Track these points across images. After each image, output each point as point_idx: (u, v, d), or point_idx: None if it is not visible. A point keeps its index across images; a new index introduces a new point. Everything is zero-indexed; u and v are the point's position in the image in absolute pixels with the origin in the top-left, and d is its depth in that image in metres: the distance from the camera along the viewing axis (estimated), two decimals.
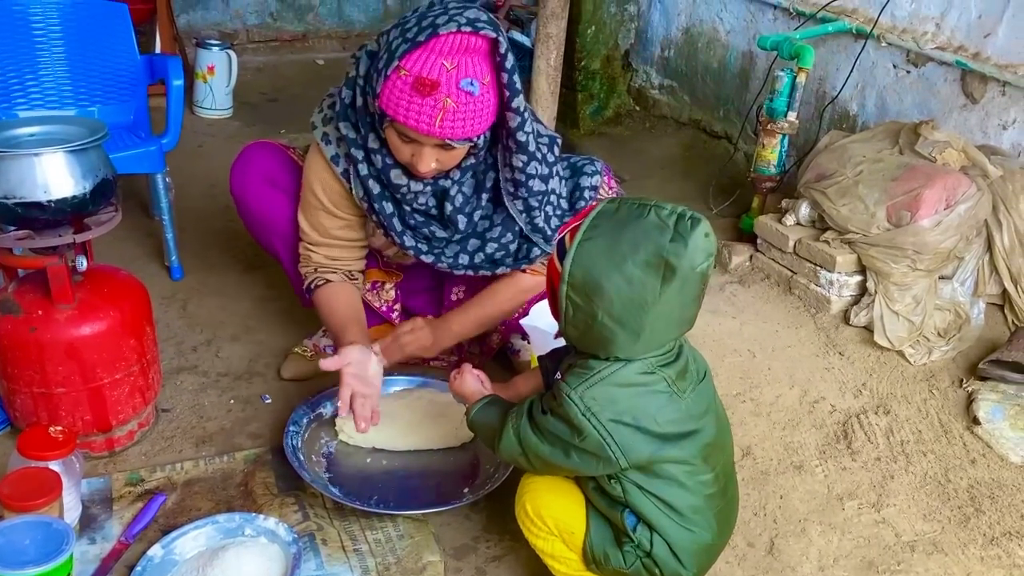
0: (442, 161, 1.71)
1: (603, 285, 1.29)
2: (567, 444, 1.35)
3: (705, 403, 1.40)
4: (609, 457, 1.33)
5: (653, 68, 4.07)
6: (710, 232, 1.29)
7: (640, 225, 1.29)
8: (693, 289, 1.31)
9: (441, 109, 1.58)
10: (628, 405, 1.32)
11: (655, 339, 1.33)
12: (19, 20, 2.53)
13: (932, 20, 2.74)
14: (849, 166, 2.56)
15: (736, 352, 2.33)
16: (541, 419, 1.38)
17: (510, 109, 1.68)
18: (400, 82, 1.59)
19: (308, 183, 1.90)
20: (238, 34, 4.62)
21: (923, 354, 2.33)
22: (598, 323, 1.31)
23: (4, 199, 1.59)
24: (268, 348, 2.26)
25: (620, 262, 1.28)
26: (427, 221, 1.86)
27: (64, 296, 1.70)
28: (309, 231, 1.93)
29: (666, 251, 1.26)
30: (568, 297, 1.32)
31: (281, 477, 1.82)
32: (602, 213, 1.34)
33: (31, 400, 1.76)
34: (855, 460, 1.96)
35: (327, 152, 1.84)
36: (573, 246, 1.32)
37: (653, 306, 1.28)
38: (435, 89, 1.57)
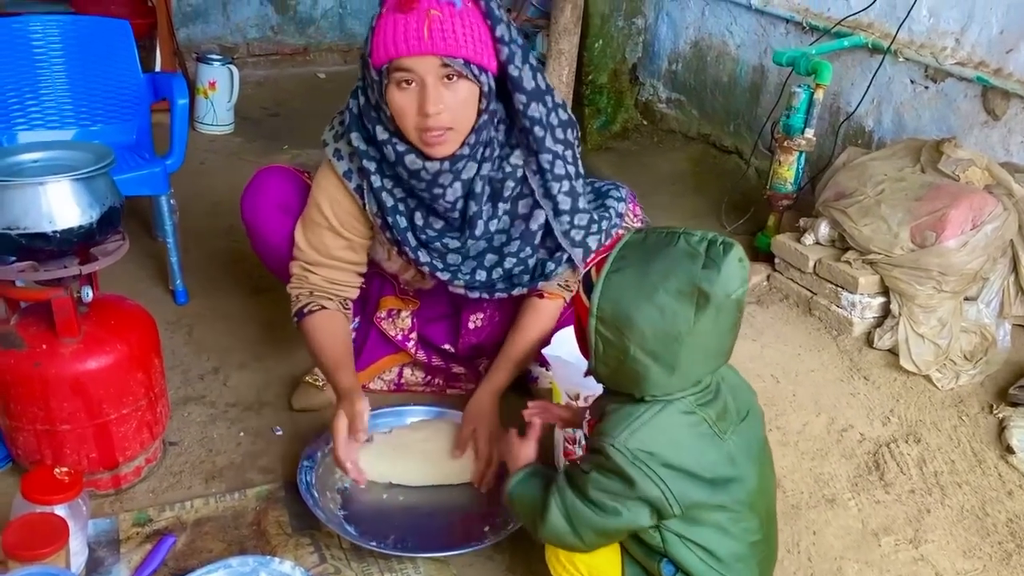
0: (452, 109, 1.60)
1: (634, 317, 1.22)
2: (619, 499, 1.27)
3: (748, 444, 1.33)
4: (664, 507, 1.25)
5: (660, 82, 4.02)
6: (744, 257, 1.23)
7: (670, 253, 1.23)
8: (729, 318, 1.24)
9: (427, 19, 1.53)
10: (674, 449, 1.25)
11: (691, 372, 1.26)
12: (19, 38, 2.46)
13: (951, 35, 2.69)
14: (870, 184, 2.51)
15: (759, 377, 2.27)
16: (585, 481, 1.30)
17: (496, 40, 1.61)
18: (383, 19, 1.57)
19: (315, 200, 1.83)
20: (238, 48, 4.56)
21: (950, 378, 2.27)
22: (630, 358, 1.24)
23: (7, 230, 1.52)
24: (277, 376, 2.19)
25: (651, 292, 1.22)
26: (440, 234, 1.79)
27: (69, 329, 1.63)
28: (308, 250, 1.85)
29: (699, 279, 1.20)
30: (598, 332, 1.26)
31: (295, 515, 1.75)
32: (629, 244, 1.28)
33: (34, 437, 1.68)
34: (888, 493, 1.89)
35: (339, 168, 1.78)
36: (600, 279, 1.26)
37: (687, 337, 1.22)
38: (415, 5, 1.53)
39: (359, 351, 2.12)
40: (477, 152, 1.69)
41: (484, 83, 1.61)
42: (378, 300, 2.08)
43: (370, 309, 2.08)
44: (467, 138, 1.66)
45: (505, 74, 1.65)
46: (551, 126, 1.74)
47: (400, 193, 1.75)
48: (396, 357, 2.13)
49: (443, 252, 1.81)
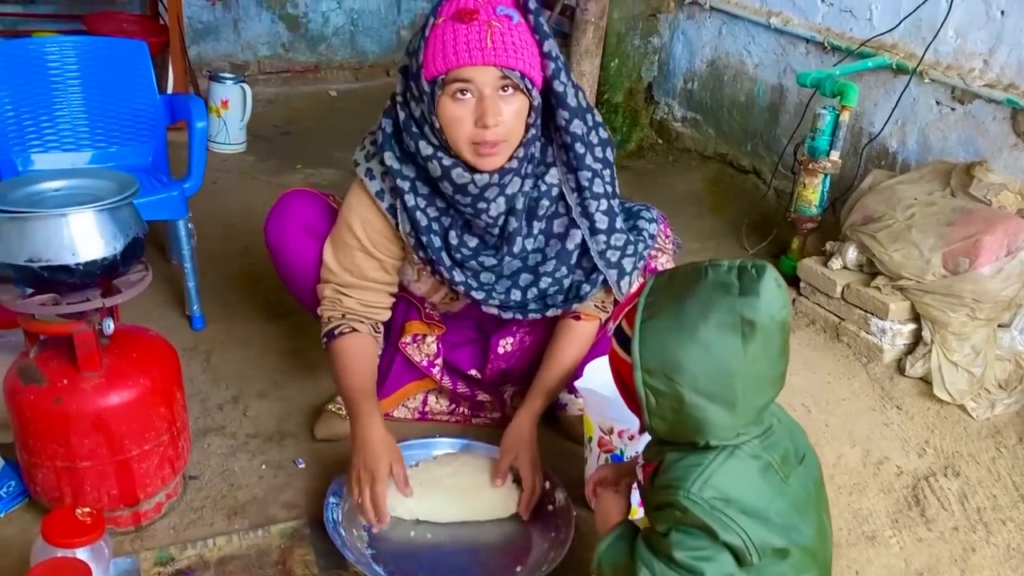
0: (506, 123, 1.58)
1: (681, 361, 1.17)
2: (704, 553, 1.20)
3: (807, 488, 1.28)
4: (745, 555, 1.19)
5: (676, 101, 3.99)
6: (779, 278, 1.18)
7: (701, 288, 1.18)
8: (777, 341, 1.19)
9: (488, 29, 1.52)
10: (748, 495, 1.20)
11: (751, 406, 1.20)
12: (35, 59, 2.42)
13: (980, 56, 2.65)
14: (899, 208, 2.47)
15: (791, 407, 2.20)
16: (667, 544, 1.23)
17: (544, 55, 1.60)
18: (440, 29, 1.55)
19: (346, 221, 1.78)
20: (249, 65, 4.53)
21: (985, 408, 2.22)
22: (687, 404, 1.18)
23: (29, 262, 1.48)
24: (298, 405, 2.14)
25: (692, 331, 1.16)
26: (476, 251, 1.75)
27: (91, 363, 1.58)
28: (340, 272, 1.81)
29: (739, 307, 1.15)
30: (646, 385, 1.20)
31: (321, 554, 1.69)
32: (656, 287, 1.23)
33: (54, 475, 1.63)
34: (931, 530, 1.84)
35: (371, 187, 1.74)
36: (636, 330, 1.20)
37: (741, 369, 1.16)
38: (476, 15, 1.53)
39: (383, 377, 2.07)
40: (523, 168, 1.67)
41: (534, 97, 1.60)
42: (403, 325, 2.03)
43: (395, 334, 2.04)
44: (515, 152, 1.64)
45: (549, 89, 1.64)
46: (591, 144, 1.72)
47: (434, 212, 1.71)
48: (421, 383, 2.08)
49: (477, 271, 1.77)
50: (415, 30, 1.64)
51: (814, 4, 3.20)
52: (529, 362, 2.02)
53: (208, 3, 4.38)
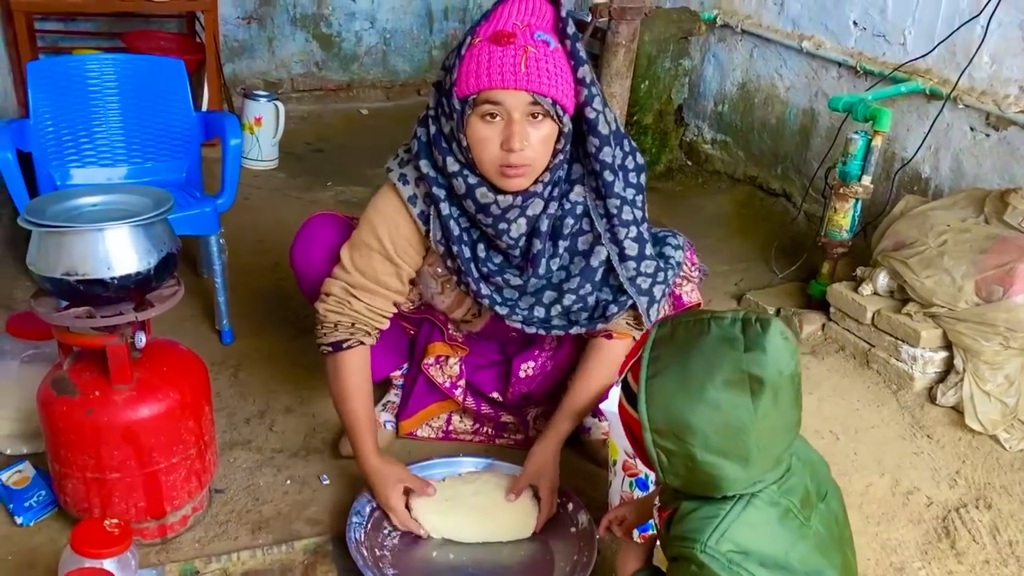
0: (533, 147, 1.59)
1: (690, 421, 1.14)
2: None
3: (829, 527, 1.25)
4: None
5: (706, 123, 3.98)
6: (786, 330, 1.16)
7: (706, 344, 1.16)
8: (789, 395, 1.17)
9: (523, 54, 1.53)
10: (767, 545, 1.18)
11: (766, 458, 1.18)
12: (75, 77, 2.48)
13: (1015, 83, 2.63)
14: (931, 235, 2.44)
15: (818, 434, 2.20)
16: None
17: (577, 81, 1.61)
18: (476, 49, 1.57)
19: (371, 224, 1.76)
20: (283, 83, 4.59)
21: (1019, 439, 2.18)
22: (699, 463, 1.16)
23: (65, 275, 1.50)
24: (323, 421, 2.16)
25: (699, 391, 1.14)
26: (502, 268, 1.75)
27: (123, 376, 1.60)
28: (354, 272, 1.78)
29: (746, 364, 1.13)
30: (656, 445, 1.18)
31: (344, 571, 1.70)
32: (658, 341, 1.21)
33: (83, 485, 1.65)
34: (961, 563, 1.81)
35: (404, 192, 1.73)
36: (641, 388, 1.18)
37: (752, 425, 1.14)
38: (513, 39, 1.54)
39: (407, 397, 2.08)
40: (547, 191, 1.67)
41: (565, 124, 1.61)
42: (426, 346, 2.04)
43: (418, 355, 2.04)
44: (541, 176, 1.65)
45: (581, 116, 1.64)
46: (623, 169, 1.72)
47: (465, 223, 1.72)
48: (444, 404, 2.08)
49: (502, 287, 1.77)
50: (452, 47, 1.65)
51: (847, 28, 3.19)
52: (551, 387, 2.02)
53: (243, 22, 4.46)
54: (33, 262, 1.54)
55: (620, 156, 1.71)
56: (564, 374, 2.00)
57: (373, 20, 4.72)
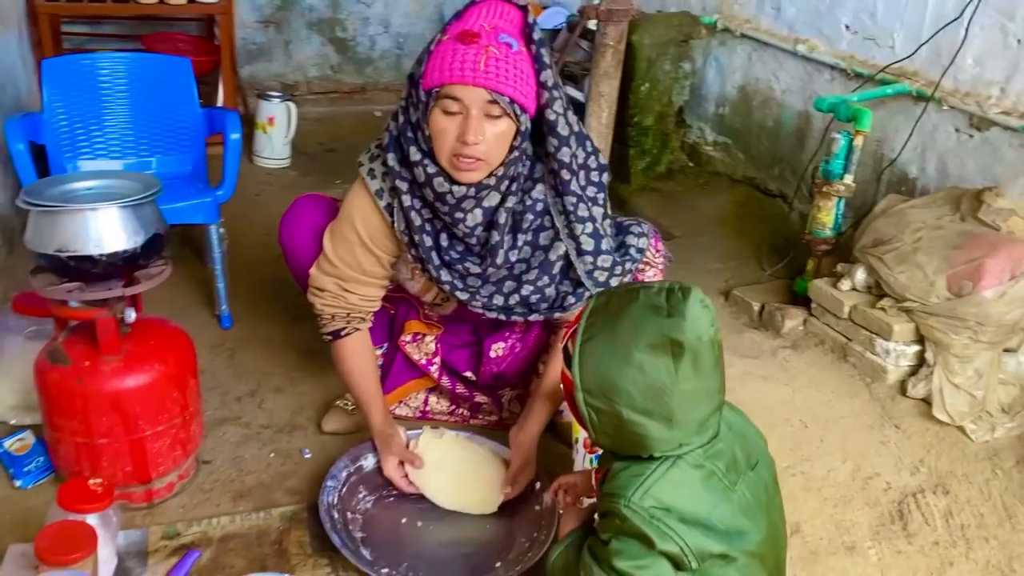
0: (488, 142, 1.67)
1: (617, 382, 1.25)
2: (642, 561, 1.26)
3: (757, 493, 1.33)
4: (683, 562, 1.25)
5: (708, 125, 4.05)
6: (705, 298, 1.25)
7: (633, 311, 1.26)
8: (708, 359, 1.25)
9: (484, 54, 1.62)
10: (688, 504, 1.26)
11: (689, 421, 1.27)
12: (88, 74, 2.62)
13: (997, 84, 2.67)
14: (908, 232, 2.50)
15: (788, 422, 2.26)
16: (607, 553, 1.29)
17: (539, 84, 1.70)
18: (443, 46, 1.66)
19: (348, 217, 1.88)
20: (299, 85, 4.73)
21: (985, 431, 2.23)
22: (626, 422, 1.26)
23: (58, 252, 1.63)
24: (311, 400, 2.26)
25: (625, 354, 1.24)
26: (463, 256, 1.84)
27: (111, 348, 1.72)
28: (340, 265, 1.89)
29: (667, 329, 1.22)
30: (588, 404, 1.29)
31: (316, 536, 1.80)
32: (594, 310, 1.31)
33: (74, 449, 1.77)
34: (911, 543, 1.87)
35: (372, 186, 1.84)
36: (576, 351, 1.28)
37: (674, 387, 1.23)
38: (477, 39, 1.63)
39: (385, 374, 2.18)
40: (502, 185, 1.76)
41: (522, 123, 1.69)
42: (403, 324, 2.14)
43: (396, 333, 2.14)
44: (495, 170, 1.73)
45: (542, 117, 1.73)
46: (584, 168, 1.80)
47: (428, 214, 1.82)
48: (421, 382, 2.18)
49: (464, 275, 1.86)
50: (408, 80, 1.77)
51: (839, 32, 3.25)
52: (522, 368, 2.11)
53: (261, 26, 4.61)
54: (29, 239, 1.66)
55: (582, 156, 1.79)
56: (534, 355, 2.08)
57: (387, 25, 4.85)
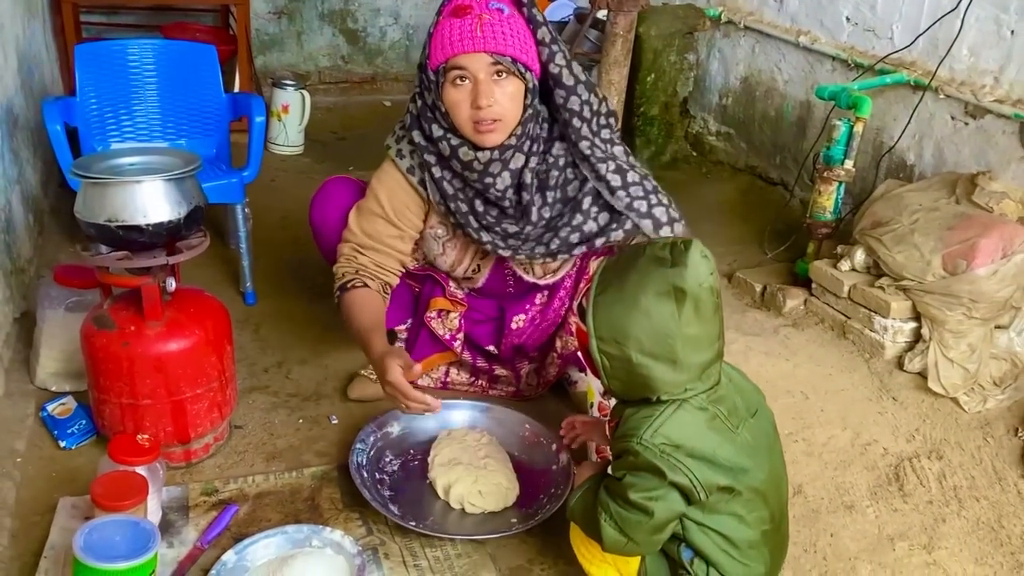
0: (501, 102, 1.78)
1: (627, 328, 1.36)
2: (654, 492, 1.37)
3: (757, 439, 1.45)
4: (693, 493, 1.36)
5: (711, 115, 4.16)
6: (705, 250, 1.37)
7: (640, 264, 1.38)
8: (708, 306, 1.37)
9: (479, 22, 1.74)
10: (695, 440, 1.37)
11: (692, 363, 1.38)
12: (118, 60, 2.72)
13: (991, 73, 2.78)
14: (905, 214, 2.60)
15: (789, 393, 2.37)
16: (622, 488, 1.40)
17: (538, 42, 1.81)
18: (440, 25, 1.78)
19: (374, 191, 2.01)
20: (310, 75, 4.83)
21: (978, 402, 2.34)
22: (635, 364, 1.37)
23: (108, 222, 1.73)
24: (335, 372, 2.37)
25: (634, 302, 1.36)
26: (499, 218, 1.94)
27: (155, 313, 1.82)
28: (360, 234, 2.01)
29: (671, 277, 1.34)
30: (601, 351, 1.40)
31: (346, 494, 1.91)
32: (606, 268, 1.44)
33: (119, 410, 1.88)
34: (906, 502, 1.98)
35: (402, 165, 1.97)
36: (590, 305, 1.41)
37: (678, 330, 1.35)
38: (469, 10, 1.75)
39: (409, 348, 2.28)
40: (524, 144, 1.87)
41: (529, 80, 1.81)
42: (428, 301, 2.24)
43: (421, 309, 2.25)
44: (514, 130, 1.85)
45: (547, 73, 1.84)
46: (596, 115, 1.90)
47: (459, 183, 1.93)
48: (444, 355, 2.29)
49: (504, 235, 1.96)
50: None
51: (840, 23, 3.36)
52: (540, 340, 2.22)
53: (274, 17, 4.71)
54: (80, 210, 1.76)
55: (595, 103, 1.90)
56: (553, 327, 2.19)
57: (397, 16, 4.95)
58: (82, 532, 1.48)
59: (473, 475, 1.89)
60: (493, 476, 1.90)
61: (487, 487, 1.88)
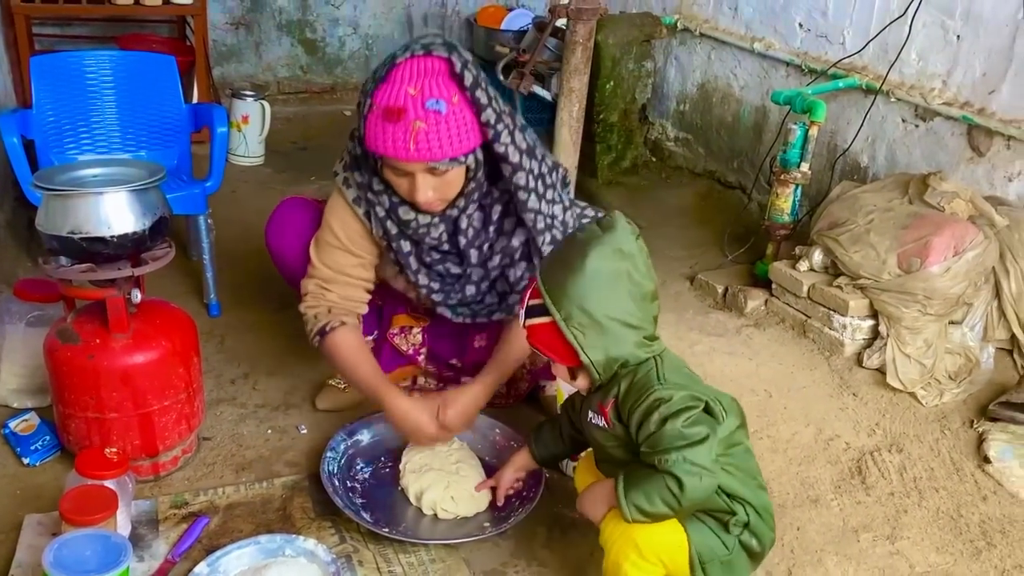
0: (440, 190, 1.75)
1: (586, 295, 1.44)
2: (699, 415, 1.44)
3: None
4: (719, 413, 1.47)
5: (669, 121, 4.22)
6: (626, 218, 1.48)
7: (577, 242, 1.48)
8: (642, 263, 1.48)
9: (412, 132, 1.63)
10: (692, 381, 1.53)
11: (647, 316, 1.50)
12: (74, 71, 2.68)
13: (939, 77, 2.87)
14: (860, 215, 2.67)
15: (753, 392, 2.41)
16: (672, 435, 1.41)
17: (482, 124, 1.72)
18: (373, 117, 1.67)
19: (328, 223, 1.95)
20: (269, 86, 4.80)
21: (935, 396, 2.41)
22: (604, 326, 1.45)
23: (71, 234, 1.71)
24: (303, 381, 2.36)
25: (581, 267, 1.44)
26: (443, 258, 1.94)
27: (120, 326, 1.81)
28: (322, 267, 1.96)
29: (611, 242, 1.45)
30: (571, 328, 1.45)
31: (318, 503, 1.90)
32: (549, 265, 1.52)
33: (85, 424, 1.85)
34: (869, 495, 2.03)
35: (349, 195, 1.90)
36: (544, 295, 1.46)
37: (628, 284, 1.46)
38: (402, 115, 1.63)
39: None
40: (467, 204, 1.85)
41: (470, 162, 1.76)
42: (391, 317, 2.24)
43: (384, 324, 2.24)
44: (456, 200, 1.83)
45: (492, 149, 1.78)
46: (539, 178, 1.86)
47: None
48: (408, 369, 2.28)
49: (443, 275, 1.95)
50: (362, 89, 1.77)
51: (793, 30, 3.44)
52: None
53: (231, 27, 4.68)
54: (42, 223, 1.74)
55: (537, 168, 1.85)
56: None
57: (356, 26, 4.95)
58: (51, 548, 1.46)
59: (445, 480, 1.90)
60: (465, 481, 1.91)
61: (459, 492, 1.89)
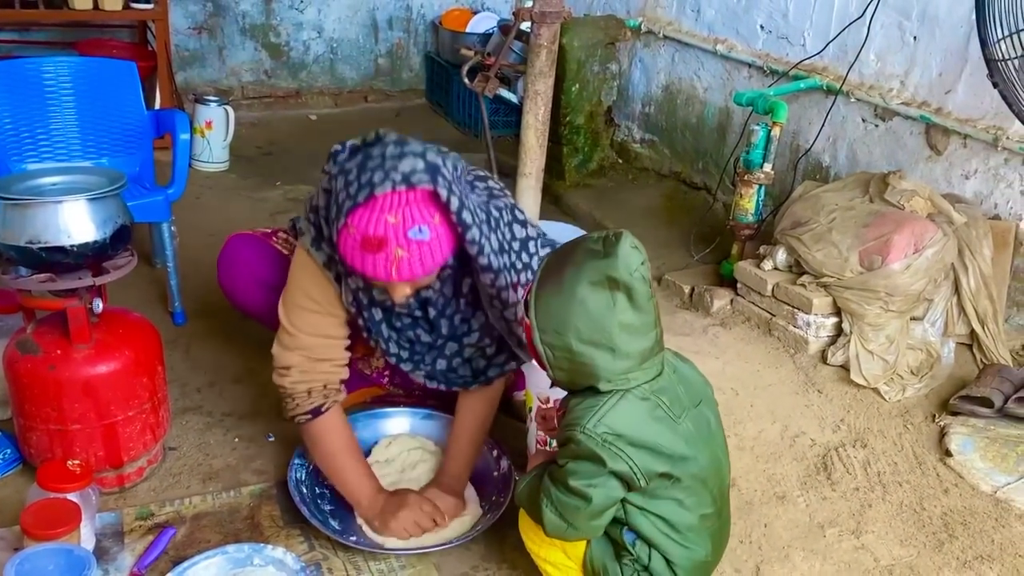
0: (416, 285, 1.71)
1: (566, 318, 1.42)
2: (594, 479, 1.42)
3: (699, 428, 1.50)
4: (633, 480, 1.42)
5: (635, 123, 4.25)
6: (635, 242, 1.43)
7: (575, 257, 1.44)
8: (642, 293, 1.42)
9: (394, 260, 1.57)
10: (636, 429, 1.43)
11: (631, 352, 1.43)
12: (31, 78, 2.64)
13: (897, 77, 2.92)
14: (823, 214, 2.71)
15: (720, 390, 2.40)
16: (563, 474, 1.45)
17: (465, 242, 1.67)
18: (350, 239, 1.59)
19: (300, 286, 1.84)
20: (233, 91, 4.76)
21: (897, 391, 2.44)
22: (576, 353, 1.42)
23: (29, 244, 1.69)
24: (271, 389, 2.28)
25: (571, 293, 1.41)
26: (414, 323, 1.91)
27: (82, 336, 1.78)
28: (302, 336, 1.84)
29: (603, 268, 1.40)
30: (544, 343, 1.45)
31: (286, 511, 1.89)
32: (546, 265, 1.49)
33: (47, 437, 1.83)
34: (835, 490, 2.05)
35: (319, 258, 1.81)
36: (532, 299, 1.46)
37: (614, 318, 1.40)
38: (383, 245, 1.56)
39: None
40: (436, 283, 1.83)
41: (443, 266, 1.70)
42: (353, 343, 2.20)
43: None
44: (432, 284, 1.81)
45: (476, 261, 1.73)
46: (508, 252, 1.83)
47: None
48: (373, 390, 2.27)
49: (412, 341, 1.93)
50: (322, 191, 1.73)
51: (755, 31, 3.47)
52: None
53: (194, 32, 4.63)
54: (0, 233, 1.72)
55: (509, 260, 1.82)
56: None
57: (320, 30, 4.93)
58: (12, 563, 1.44)
59: None
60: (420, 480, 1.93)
61: None
